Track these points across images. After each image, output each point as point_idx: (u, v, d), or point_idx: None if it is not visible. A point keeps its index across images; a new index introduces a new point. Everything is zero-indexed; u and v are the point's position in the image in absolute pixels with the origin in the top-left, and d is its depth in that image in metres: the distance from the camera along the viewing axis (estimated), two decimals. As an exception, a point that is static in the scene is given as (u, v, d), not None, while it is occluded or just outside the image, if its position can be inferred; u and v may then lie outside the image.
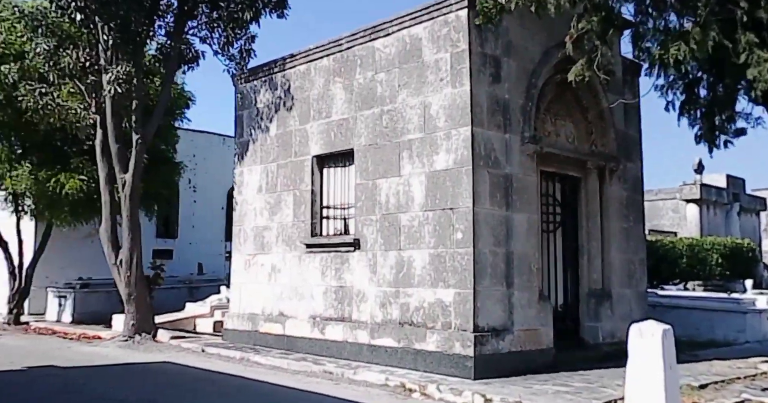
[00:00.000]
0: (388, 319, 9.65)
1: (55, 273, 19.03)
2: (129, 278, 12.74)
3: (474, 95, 8.99)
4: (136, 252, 12.81)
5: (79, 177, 14.78)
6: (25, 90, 13.00)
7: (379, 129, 10.13)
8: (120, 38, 12.08)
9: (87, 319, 16.62)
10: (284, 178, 11.72)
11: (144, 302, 12.96)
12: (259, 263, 12.08)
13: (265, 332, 11.65)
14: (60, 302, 17.42)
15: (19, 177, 14.40)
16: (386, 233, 9.86)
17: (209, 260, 23.19)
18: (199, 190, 23.41)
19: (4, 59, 14.08)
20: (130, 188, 12.59)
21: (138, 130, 12.49)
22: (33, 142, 15.34)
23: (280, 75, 11.89)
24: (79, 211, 15.89)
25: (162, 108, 12.84)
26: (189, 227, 23.47)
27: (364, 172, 10.31)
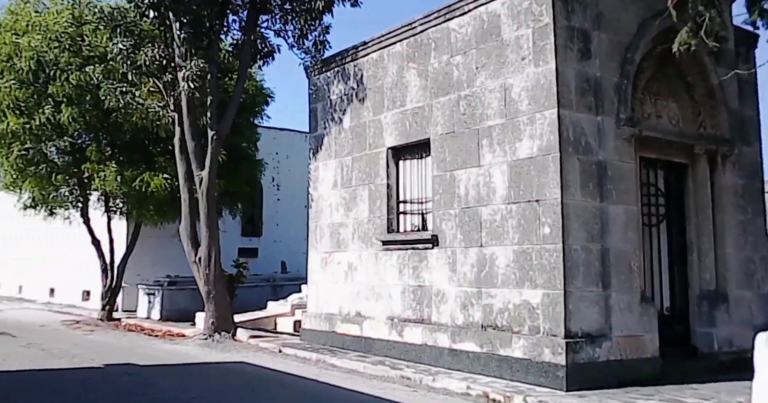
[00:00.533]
0: (470, 321, 8.90)
1: (146, 271, 19.52)
2: (208, 275, 12.63)
3: (560, 74, 8.07)
4: (214, 250, 12.68)
5: (163, 176, 14.94)
6: (107, 89, 13.16)
7: (456, 116, 9.38)
8: (193, 34, 11.96)
9: (174, 316, 16.83)
10: (359, 172, 11.19)
11: (223, 300, 12.82)
12: (336, 261, 11.62)
13: (342, 332, 11.18)
14: (149, 300, 17.77)
15: (107, 177, 14.69)
16: (466, 229, 9.10)
17: (293, 258, 23.11)
18: (282, 189, 23.46)
19: (89, 61, 14.39)
20: (207, 186, 12.46)
21: (213, 126, 12.34)
22: (121, 142, 15.67)
23: (353, 64, 11.36)
24: (165, 210, 16.11)
25: (236, 103, 12.63)
26: (273, 225, 23.53)
27: (441, 163, 9.59)
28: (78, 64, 14.24)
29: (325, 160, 12.14)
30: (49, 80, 14.32)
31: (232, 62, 14.04)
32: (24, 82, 14.25)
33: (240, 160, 16.96)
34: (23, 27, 14.44)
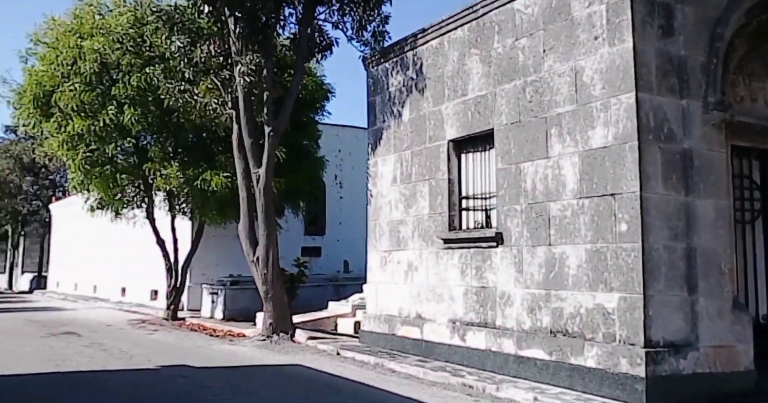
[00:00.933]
0: (538, 326, 8.19)
1: (210, 270, 19.61)
2: (266, 275, 12.37)
3: (638, 53, 7.26)
4: (272, 249, 12.41)
5: (223, 174, 14.85)
6: (166, 88, 13.13)
7: (522, 104, 8.68)
8: (249, 28, 11.72)
9: (237, 315, 16.77)
10: (419, 167, 10.63)
11: (281, 300, 12.54)
12: (395, 261, 11.10)
13: (402, 335, 10.64)
14: (212, 299, 17.79)
15: (170, 176, 14.71)
16: (533, 226, 8.39)
17: (356, 257, 22.71)
18: (345, 186, 23.17)
19: (150, 62, 14.44)
20: (264, 183, 12.20)
21: (270, 122, 12.07)
22: (182, 141, 15.70)
23: (411, 53, 10.82)
24: (226, 209, 16.04)
25: (293, 98, 12.31)
26: (336, 223, 23.28)
27: (506, 155, 8.91)
28: (139, 65, 14.32)
29: (383, 155, 11.65)
30: (112, 82, 14.47)
31: (289, 57, 13.76)
32: (88, 85, 14.44)
33: (301, 158, 16.72)
34: (87, 30, 14.66)
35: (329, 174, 20.67)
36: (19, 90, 14.91)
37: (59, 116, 14.44)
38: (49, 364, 9.46)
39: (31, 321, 16.57)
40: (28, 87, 14.57)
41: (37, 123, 14.86)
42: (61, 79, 14.46)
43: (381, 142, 11.71)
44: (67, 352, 10.69)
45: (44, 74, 14.60)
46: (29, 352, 10.73)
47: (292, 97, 12.29)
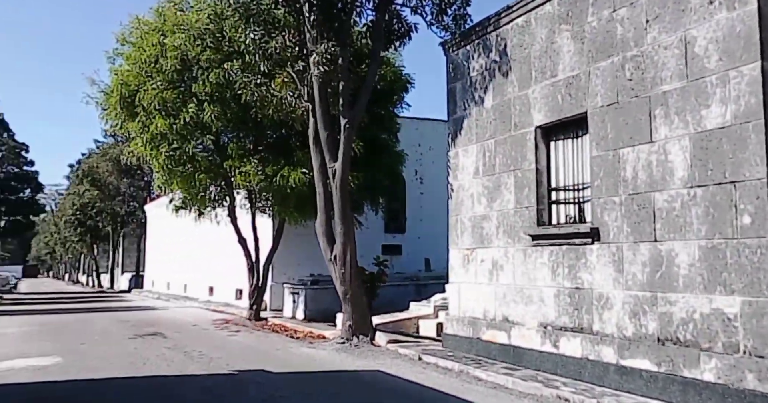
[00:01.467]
0: (643, 333, 7.23)
1: (291, 269, 19.46)
2: (344, 275, 11.91)
3: (764, 17, 6.20)
4: (349, 247, 11.93)
5: (301, 170, 14.55)
6: (242, 83, 12.91)
7: (620, 83, 7.72)
8: (324, 16, 11.28)
9: (318, 316, 16.48)
10: (503, 157, 9.81)
11: (360, 301, 12.03)
12: (478, 259, 10.33)
13: (487, 340, 9.87)
14: (294, 299, 17.59)
15: (248, 174, 14.55)
16: (635, 219, 7.43)
17: (438, 256, 21.93)
18: (426, 182, 22.46)
19: (229, 57, 14.32)
20: (341, 178, 11.73)
21: (345, 114, 11.58)
22: (261, 138, 15.55)
23: (495, 34, 10.00)
24: (305, 206, 15.75)
25: (369, 89, 11.76)
26: (417, 220, 22.63)
27: (601, 141, 7.97)
28: (218, 61, 14.23)
29: (464, 145, 10.89)
30: (192, 79, 14.47)
31: (365, 46, 13.23)
32: (170, 83, 14.51)
33: (380, 152, 16.22)
34: (169, 28, 14.73)
35: (409, 169, 20.06)
36: (106, 90, 15.21)
37: (143, 116, 14.59)
38: (130, 367, 9.35)
39: (122, 321, 16.92)
40: (115, 87, 14.82)
41: (123, 123, 15.09)
42: (144, 77, 14.61)
43: (462, 132, 10.96)
44: (149, 354, 10.62)
45: (129, 74, 14.80)
46: (114, 354, 10.74)
47: (369, 87, 11.74)
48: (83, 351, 11.09)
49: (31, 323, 16.48)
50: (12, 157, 40.58)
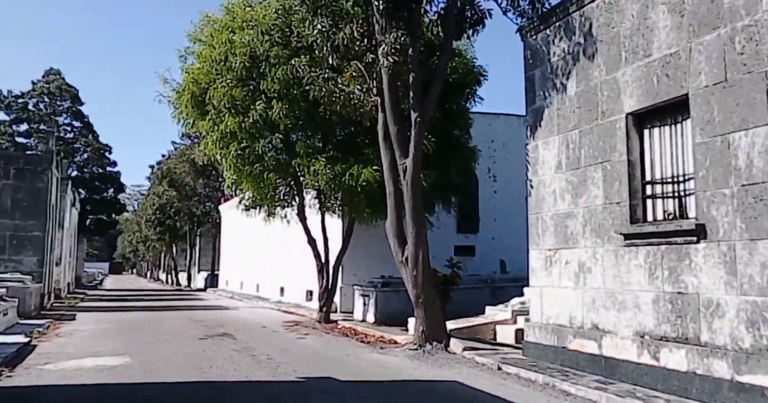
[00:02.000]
0: (764, 345, 6.25)
1: (361, 271, 19.01)
2: (416, 277, 11.28)
3: None
4: (421, 248, 11.31)
5: (371, 168, 14.05)
6: (310, 78, 12.52)
7: (729, 58, 6.75)
8: (392, 4, 10.70)
9: (389, 319, 15.94)
10: (589, 149, 8.93)
11: (434, 305, 11.38)
12: (563, 261, 9.48)
13: (574, 349, 9.01)
14: (364, 301, 17.12)
15: (317, 172, 14.18)
16: (750, 214, 6.45)
17: (513, 257, 21.08)
18: (499, 180, 21.54)
19: (297, 53, 13.98)
20: (412, 175, 11.12)
21: (416, 107, 10.97)
22: (330, 135, 15.17)
23: (578, 14, 9.14)
24: (375, 205, 15.24)
25: (440, 80, 11.10)
26: (490, 220, 21.74)
27: (707, 125, 7.01)
28: (286, 56, 13.93)
29: (545, 137, 10.05)
30: (261, 76, 14.24)
31: (436, 37, 12.57)
32: (239, 80, 14.32)
33: (451, 149, 15.51)
34: (238, 24, 14.54)
35: (482, 166, 19.20)
36: (178, 89, 15.21)
37: (213, 114, 14.47)
38: (196, 371, 9.06)
39: (195, 321, 16.92)
40: (186, 86, 14.79)
41: (194, 122, 15.04)
42: (214, 75, 14.50)
43: (542, 123, 10.13)
44: (216, 357, 10.34)
45: (200, 72, 14.73)
46: (182, 355, 10.53)
47: (440, 78, 11.07)
48: (153, 351, 10.95)
49: (108, 321, 16.75)
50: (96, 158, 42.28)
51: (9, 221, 19.64)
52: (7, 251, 19.61)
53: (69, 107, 41.33)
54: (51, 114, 40.74)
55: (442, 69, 11.19)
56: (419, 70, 11.07)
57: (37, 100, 40.57)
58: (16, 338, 11.78)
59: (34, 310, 17.72)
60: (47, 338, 12.66)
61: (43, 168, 20.39)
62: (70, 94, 40.95)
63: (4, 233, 19.67)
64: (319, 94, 12.75)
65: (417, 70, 11.00)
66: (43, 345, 11.54)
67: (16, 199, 19.78)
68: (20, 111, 39.52)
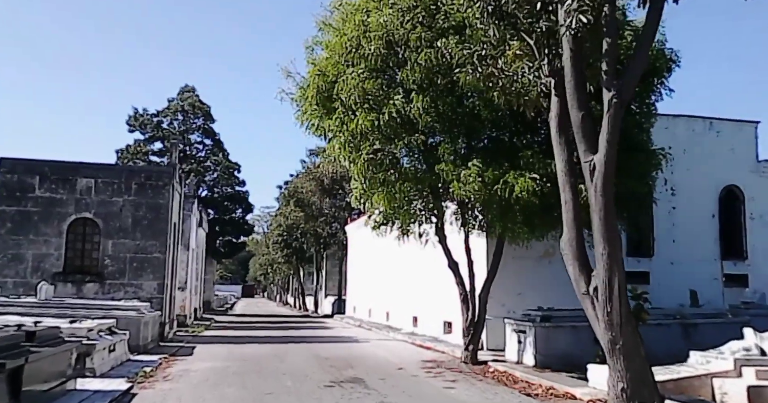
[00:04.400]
0: None
1: (511, 300, 16.08)
2: (609, 315, 8.24)
3: None
4: (617, 275, 8.28)
5: (530, 176, 11.25)
6: (462, 57, 9.98)
7: None
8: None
9: (553, 362, 12.88)
10: None
11: (637, 353, 8.24)
12: None
13: None
14: (519, 339, 14.11)
15: (468, 180, 11.52)
16: None
17: (699, 287, 17.21)
18: (679, 194, 17.76)
19: (443, 34, 11.52)
20: (603, 176, 8.15)
21: (611, 83, 8.03)
22: (478, 135, 12.53)
23: None
24: (534, 222, 12.35)
25: (648, 43, 8.09)
26: (668, 241, 17.99)
27: None
28: (429, 39, 11.53)
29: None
30: (398, 65, 11.96)
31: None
32: (373, 70, 12.09)
33: (630, 151, 12.28)
34: (374, 5, 12.29)
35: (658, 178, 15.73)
36: (302, 84, 13.19)
37: (341, 111, 12.31)
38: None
39: (321, 358, 14.74)
40: (311, 79, 12.73)
41: (319, 122, 12.90)
42: (343, 66, 12.35)
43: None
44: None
45: (327, 62, 12.66)
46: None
47: (648, 43, 8.06)
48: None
49: (226, 356, 14.83)
50: (226, 177, 42.24)
51: (130, 240, 18.21)
52: (127, 275, 18.12)
53: (201, 125, 41.65)
54: (184, 132, 41.19)
55: (649, 29, 8.13)
56: (616, 35, 8.14)
57: (171, 119, 41.20)
58: (116, 383, 9.81)
59: (151, 341, 16.09)
60: (152, 382, 10.68)
61: (165, 182, 18.87)
62: (203, 111, 41.22)
63: (124, 255, 18.21)
64: (472, 79, 10.17)
65: (614, 34, 8.08)
66: (144, 394, 9.54)
67: (137, 218, 18.36)
68: (155, 129, 40.29)
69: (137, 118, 40.97)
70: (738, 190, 18.45)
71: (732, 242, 18.25)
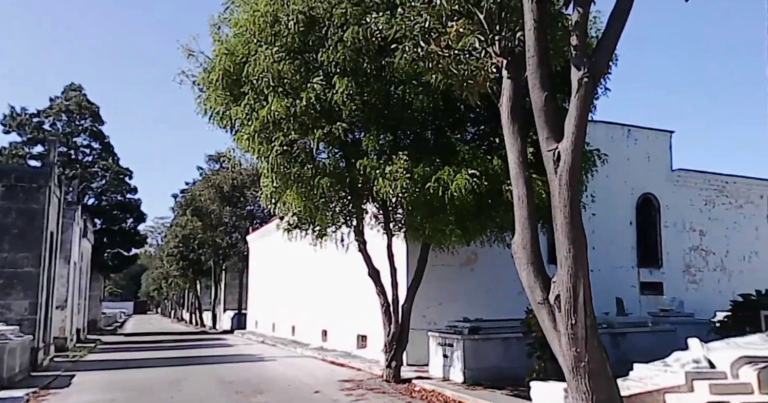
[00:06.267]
0: None
1: (433, 311, 14.93)
2: (574, 327, 7.12)
3: None
4: (582, 281, 7.23)
5: (467, 173, 10.08)
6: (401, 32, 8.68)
7: None
8: None
9: (483, 378, 11.80)
10: None
11: (604, 373, 7.15)
12: None
13: None
14: (445, 352, 12.89)
15: (393, 176, 10.18)
16: None
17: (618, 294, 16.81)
18: (598, 200, 17.33)
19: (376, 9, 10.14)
20: (570, 167, 7.06)
21: (581, 60, 6.97)
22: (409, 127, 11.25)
23: None
24: (467, 224, 11.21)
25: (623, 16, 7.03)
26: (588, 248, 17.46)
27: None
28: (357, 16, 10.13)
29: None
30: (320, 43, 10.48)
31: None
32: (290, 51, 10.53)
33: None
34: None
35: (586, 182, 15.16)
36: (206, 66, 11.33)
37: (251, 97, 10.62)
38: None
39: (224, 382, 12.86)
40: (217, 59, 10.90)
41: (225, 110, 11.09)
42: (255, 45, 10.66)
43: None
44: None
45: (236, 40, 10.91)
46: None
47: (622, 12, 7.02)
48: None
49: (111, 386, 12.48)
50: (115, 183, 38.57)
51: (-5, 252, 15.14)
52: (-9, 294, 14.92)
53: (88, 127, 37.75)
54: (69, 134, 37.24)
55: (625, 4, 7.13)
56: (588, 3, 7.08)
57: (54, 119, 37.11)
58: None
59: (20, 372, 13.28)
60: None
61: (40, 185, 15.93)
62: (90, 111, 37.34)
63: (-14, 270, 15.00)
64: (409, 59, 8.91)
65: (585, 3, 7.03)
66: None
67: (4, 225, 15.36)
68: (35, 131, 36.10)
69: (14, 118, 36.57)
70: (654, 199, 18.36)
71: (648, 250, 18.10)
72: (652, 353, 10.94)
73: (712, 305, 17.08)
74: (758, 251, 19.21)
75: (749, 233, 19.25)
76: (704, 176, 19.01)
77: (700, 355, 9.75)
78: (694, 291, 18.18)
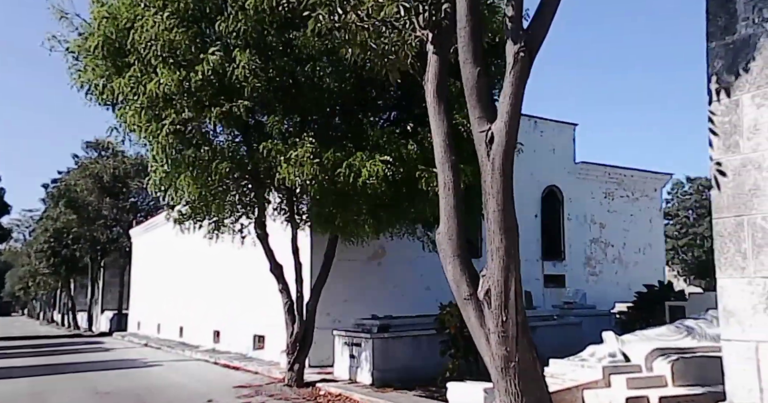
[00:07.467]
0: None
1: (338, 308, 14.08)
2: (504, 324, 6.50)
3: None
4: (514, 275, 6.61)
5: (381, 158, 9.32)
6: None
7: None
8: None
9: (392, 379, 11.12)
10: None
11: (535, 373, 6.60)
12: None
13: None
14: (351, 352, 12.11)
15: (300, 161, 9.23)
16: None
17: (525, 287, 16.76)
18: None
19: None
20: (503, 150, 6.45)
21: (517, 33, 6.36)
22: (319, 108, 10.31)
23: None
24: (381, 214, 10.47)
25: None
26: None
27: None
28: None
29: (753, 89, 5.68)
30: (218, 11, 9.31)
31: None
32: (183, 19, 9.27)
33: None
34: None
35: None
36: (83, 31, 9.79)
37: (138, 68, 9.25)
38: None
39: (99, 393, 11.33)
40: (97, 23, 9.38)
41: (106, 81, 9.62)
42: (143, 8, 9.27)
43: (750, 66, 5.73)
44: None
45: (120, 3, 9.46)
46: None
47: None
48: None
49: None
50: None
51: None
52: None
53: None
54: None
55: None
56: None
57: None
58: None
59: None
60: None
61: None
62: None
63: None
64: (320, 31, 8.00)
65: (520, -31, 6.44)
66: None
67: None
68: None
69: None
70: (558, 191, 18.51)
71: (552, 243, 18.23)
72: (562, 346, 10.76)
73: (611, 297, 17.49)
74: (651, 243, 19.93)
75: (644, 225, 19.92)
76: (605, 169, 19.40)
77: (616, 348, 9.59)
78: (594, 283, 18.52)
